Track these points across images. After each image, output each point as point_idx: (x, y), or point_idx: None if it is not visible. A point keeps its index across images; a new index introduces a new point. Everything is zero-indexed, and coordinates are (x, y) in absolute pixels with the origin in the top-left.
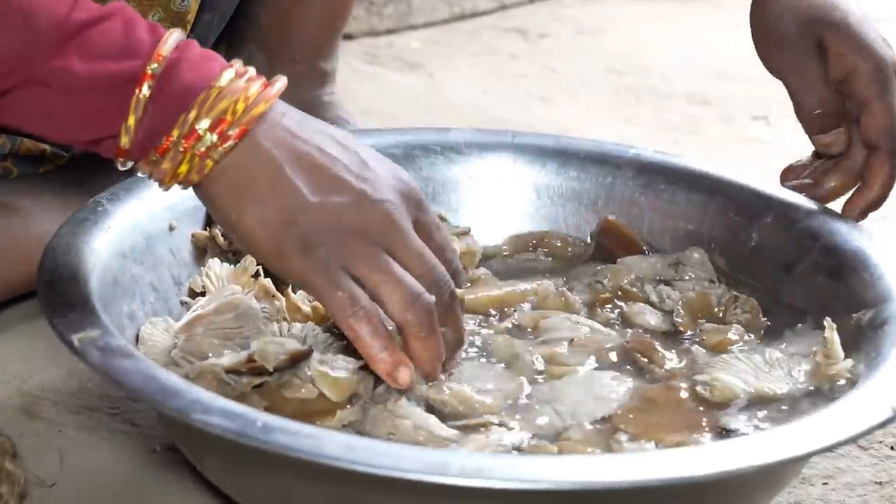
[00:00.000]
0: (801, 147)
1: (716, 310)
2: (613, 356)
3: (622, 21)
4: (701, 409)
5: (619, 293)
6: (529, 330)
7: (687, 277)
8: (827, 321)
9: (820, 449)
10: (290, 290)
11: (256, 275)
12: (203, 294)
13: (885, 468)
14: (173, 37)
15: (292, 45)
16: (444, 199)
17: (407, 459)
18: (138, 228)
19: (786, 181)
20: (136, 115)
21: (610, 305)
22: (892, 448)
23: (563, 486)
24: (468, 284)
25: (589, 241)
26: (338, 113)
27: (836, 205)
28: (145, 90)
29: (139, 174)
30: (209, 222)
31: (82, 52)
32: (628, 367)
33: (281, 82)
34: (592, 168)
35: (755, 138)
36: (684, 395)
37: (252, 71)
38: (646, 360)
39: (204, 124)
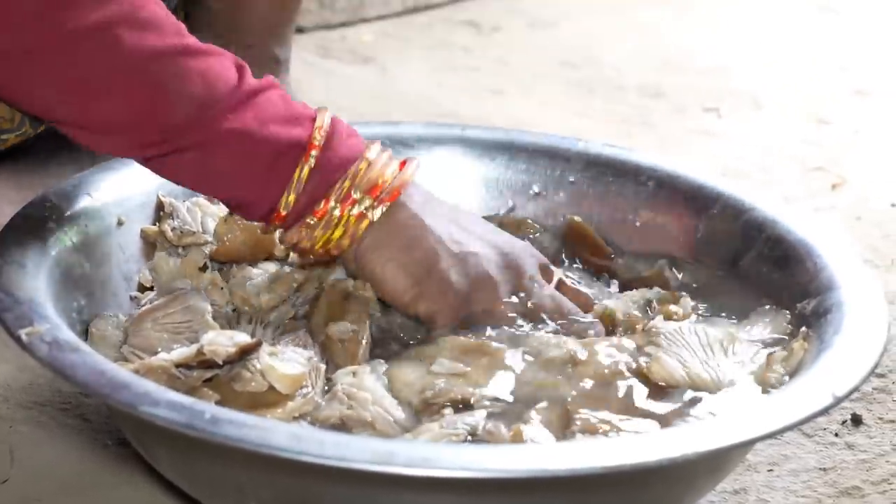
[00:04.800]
0: (750, 139)
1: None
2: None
3: (575, 14)
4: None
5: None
6: None
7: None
8: (803, 332)
9: (762, 435)
10: (233, 283)
11: (204, 268)
12: (152, 289)
13: (829, 455)
14: (327, 113)
15: (244, 30)
16: None
17: (354, 449)
18: (87, 223)
19: None
20: (299, 183)
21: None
22: (836, 435)
23: (507, 475)
24: None
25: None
26: None
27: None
28: (311, 160)
29: (284, 245)
30: (159, 217)
31: (256, 116)
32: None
33: (416, 162)
34: (541, 161)
35: (706, 130)
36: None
37: (390, 150)
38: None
39: (358, 191)
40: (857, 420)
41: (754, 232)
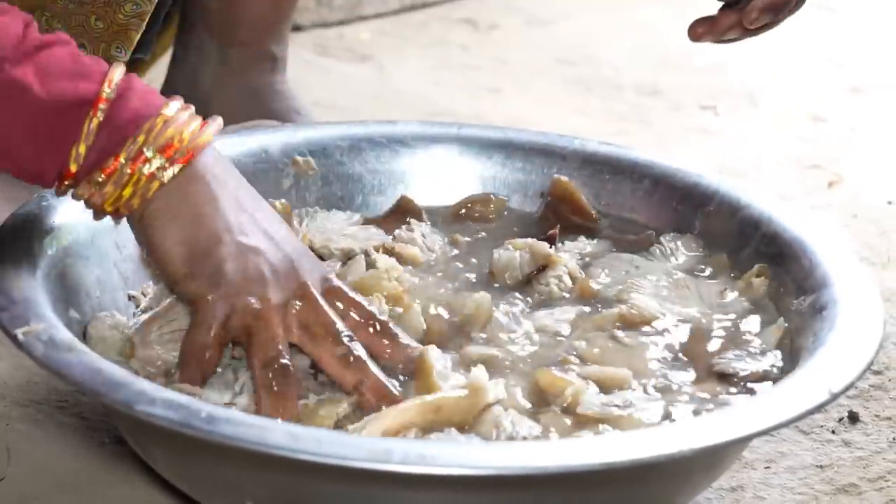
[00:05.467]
0: (746, 137)
1: None
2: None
3: (572, 11)
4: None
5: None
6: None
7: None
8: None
9: (758, 432)
10: None
11: None
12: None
13: (825, 452)
14: (121, 67)
15: (242, 28)
16: (390, 192)
17: (350, 447)
18: (83, 223)
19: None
20: (87, 138)
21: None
22: (832, 432)
23: (503, 472)
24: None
25: (540, 198)
26: (291, 104)
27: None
28: (99, 114)
29: (74, 199)
30: None
31: (38, 72)
32: None
33: (218, 122)
34: (538, 159)
35: (703, 128)
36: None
37: (192, 108)
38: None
39: (151, 149)
40: (853, 417)
41: (750, 229)
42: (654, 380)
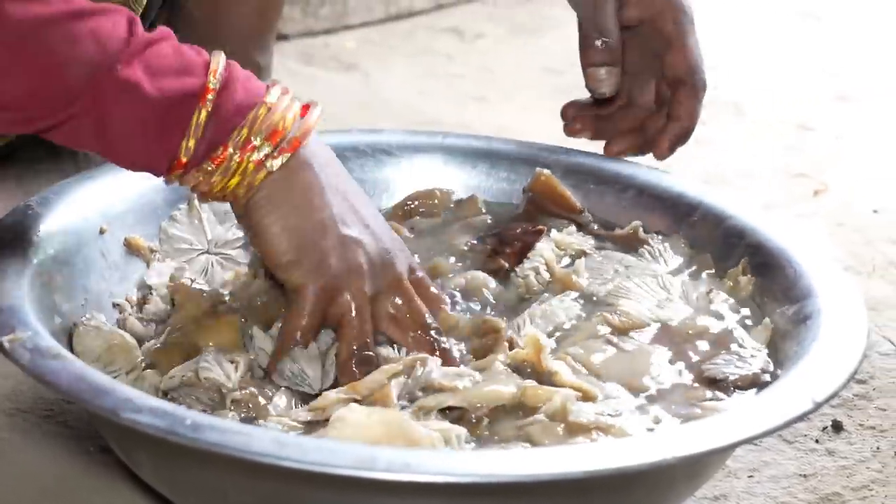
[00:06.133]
0: (732, 145)
1: None
2: None
3: (558, 20)
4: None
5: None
6: None
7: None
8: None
9: (742, 440)
10: None
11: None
12: (140, 302)
13: (809, 461)
14: (221, 57)
15: (226, 38)
16: (374, 201)
17: (335, 455)
18: (69, 231)
19: (568, 122)
20: (196, 131)
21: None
22: (816, 441)
23: (488, 480)
24: None
25: (522, 194)
26: None
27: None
28: (208, 104)
29: (180, 185)
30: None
31: (147, 70)
32: None
33: (320, 107)
34: (522, 169)
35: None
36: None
37: (291, 92)
38: None
39: (258, 137)
40: (837, 426)
41: (734, 239)
42: (643, 386)
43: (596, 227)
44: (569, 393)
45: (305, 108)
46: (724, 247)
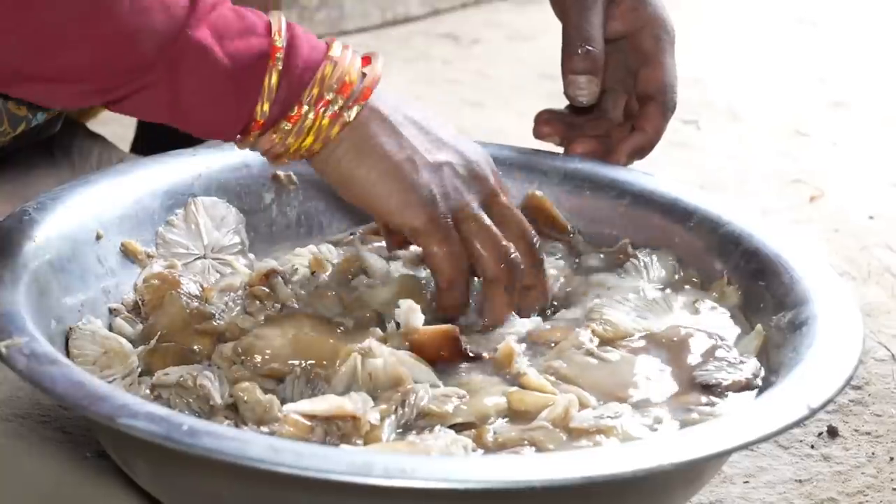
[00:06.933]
0: (728, 151)
1: None
2: None
3: (554, 26)
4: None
5: None
6: None
7: None
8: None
9: (737, 446)
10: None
11: None
12: (137, 306)
13: (805, 466)
14: (279, 15)
15: None
16: None
17: (331, 461)
18: (66, 237)
19: (539, 126)
20: (270, 93)
21: None
22: (812, 447)
23: (484, 486)
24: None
25: None
26: None
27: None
28: (278, 63)
29: (251, 149)
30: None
31: (214, 33)
32: None
33: (381, 58)
34: (518, 174)
35: (685, 143)
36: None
37: (350, 46)
38: None
39: (331, 92)
40: (833, 432)
41: (730, 245)
42: (634, 395)
43: (583, 245)
44: (571, 398)
45: (365, 59)
46: (720, 253)
